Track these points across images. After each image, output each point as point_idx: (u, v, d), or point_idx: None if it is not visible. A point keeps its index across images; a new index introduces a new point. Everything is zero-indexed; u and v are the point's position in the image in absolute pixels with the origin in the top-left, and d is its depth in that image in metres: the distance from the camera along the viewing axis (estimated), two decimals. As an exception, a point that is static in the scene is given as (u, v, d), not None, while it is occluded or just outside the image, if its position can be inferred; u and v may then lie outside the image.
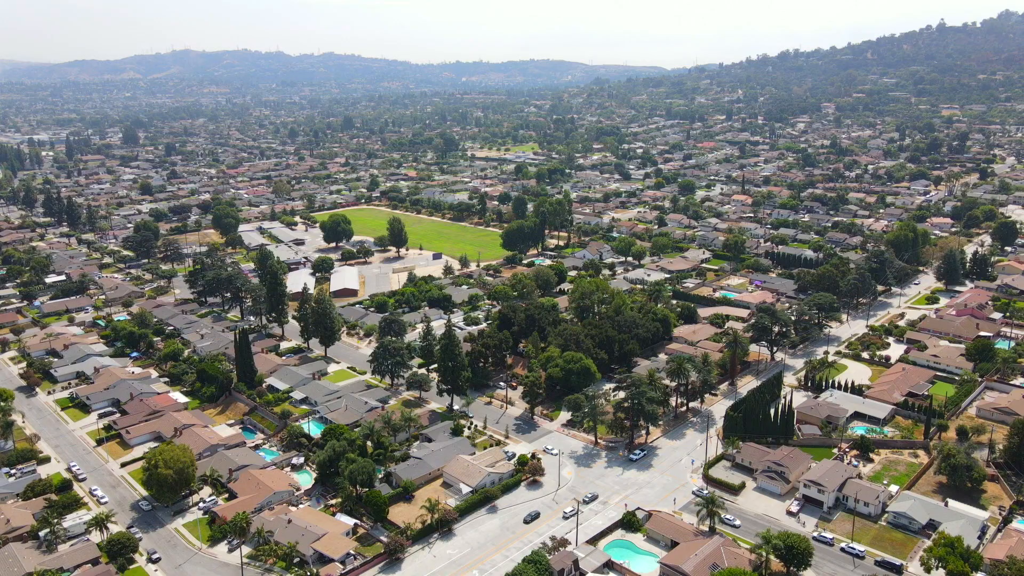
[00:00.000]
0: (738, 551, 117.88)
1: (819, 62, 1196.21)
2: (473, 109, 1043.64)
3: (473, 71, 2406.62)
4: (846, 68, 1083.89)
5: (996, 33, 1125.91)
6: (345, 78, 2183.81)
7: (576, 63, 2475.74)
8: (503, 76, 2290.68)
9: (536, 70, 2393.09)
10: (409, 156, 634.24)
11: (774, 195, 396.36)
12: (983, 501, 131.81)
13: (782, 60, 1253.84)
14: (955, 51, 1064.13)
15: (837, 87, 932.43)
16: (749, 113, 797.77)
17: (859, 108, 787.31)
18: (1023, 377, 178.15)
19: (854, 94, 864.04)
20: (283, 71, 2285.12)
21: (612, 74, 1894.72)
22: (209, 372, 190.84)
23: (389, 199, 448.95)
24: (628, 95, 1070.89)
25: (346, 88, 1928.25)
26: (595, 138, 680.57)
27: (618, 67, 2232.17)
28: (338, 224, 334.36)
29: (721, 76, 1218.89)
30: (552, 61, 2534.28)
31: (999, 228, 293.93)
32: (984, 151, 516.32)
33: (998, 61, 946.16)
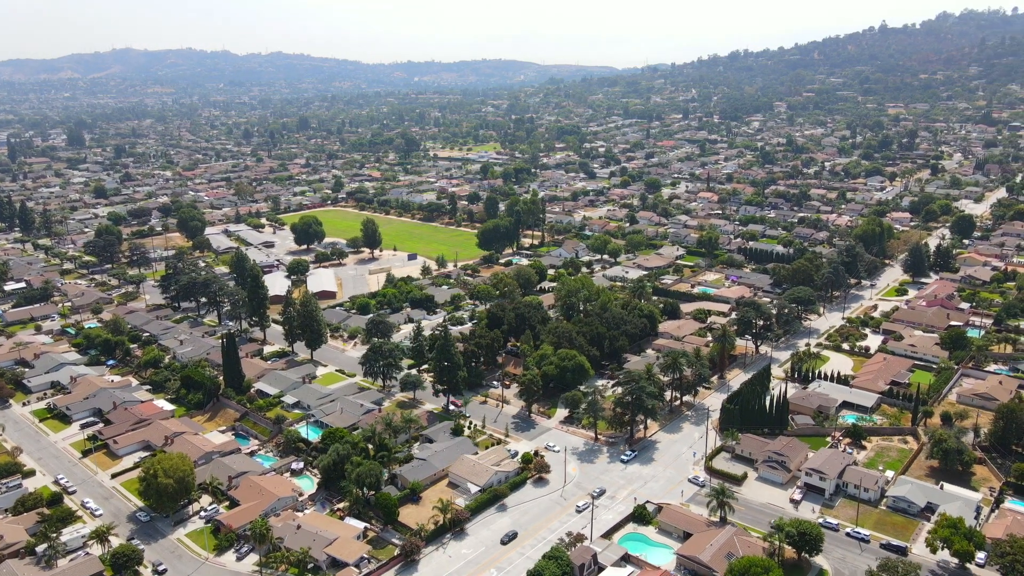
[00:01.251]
0: (751, 540, 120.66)
1: (768, 62, 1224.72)
2: (430, 109, 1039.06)
3: (425, 71, 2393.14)
4: (794, 68, 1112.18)
5: (934, 34, 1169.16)
6: (295, 78, 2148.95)
7: (528, 63, 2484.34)
8: (455, 76, 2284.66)
9: (488, 70, 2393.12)
10: (370, 156, 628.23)
11: (739, 192, 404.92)
12: (973, 483, 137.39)
13: (732, 60, 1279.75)
14: (897, 51, 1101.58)
15: (787, 86, 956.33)
16: (705, 112, 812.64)
17: (809, 107, 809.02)
18: (995, 364, 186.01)
19: (804, 93, 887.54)
20: (230, 71, 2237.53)
21: (565, 74, 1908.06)
22: (195, 378, 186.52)
23: (356, 200, 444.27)
24: (584, 95, 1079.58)
25: (296, 88, 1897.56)
26: (556, 137, 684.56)
27: (570, 67, 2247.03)
28: (309, 226, 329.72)
29: (674, 76, 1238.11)
30: (504, 61, 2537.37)
31: (957, 222, 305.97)
32: (932, 148, 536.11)
33: (938, 61, 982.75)
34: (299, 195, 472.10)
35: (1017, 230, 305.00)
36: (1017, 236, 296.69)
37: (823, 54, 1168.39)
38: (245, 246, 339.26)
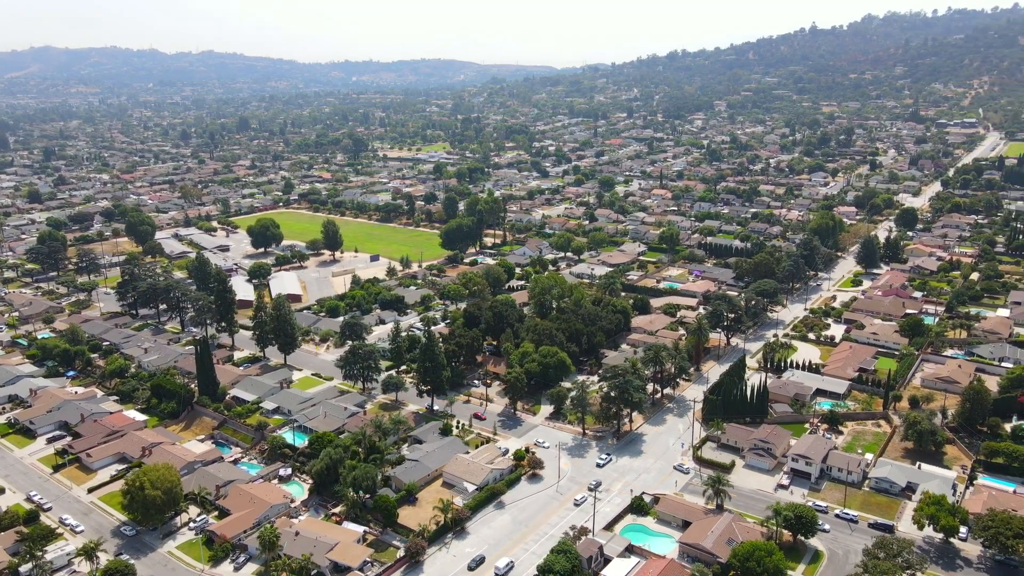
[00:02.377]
0: (748, 525, 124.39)
1: (705, 62, 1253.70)
2: (374, 109, 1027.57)
3: (363, 70, 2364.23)
4: (731, 68, 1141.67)
5: (861, 35, 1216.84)
6: (228, 78, 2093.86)
7: (468, 62, 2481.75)
8: (394, 75, 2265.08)
9: (428, 69, 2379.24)
10: (318, 157, 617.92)
11: (691, 189, 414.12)
12: (946, 462, 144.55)
13: (671, 60, 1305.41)
14: (827, 52, 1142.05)
15: (725, 86, 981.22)
16: (648, 111, 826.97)
17: (748, 105, 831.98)
18: (951, 349, 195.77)
19: (742, 92, 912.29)
20: (159, 70, 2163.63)
21: (505, 73, 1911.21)
22: (166, 387, 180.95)
23: (309, 201, 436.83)
24: (528, 94, 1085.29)
25: (231, 88, 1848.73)
26: (505, 137, 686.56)
27: (510, 66, 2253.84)
28: (267, 228, 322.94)
29: (615, 75, 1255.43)
30: (444, 60, 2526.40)
31: (901, 215, 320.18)
32: (867, 145, 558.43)
33: (866, 61, 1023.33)
34: (248, 197, 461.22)
35: (955, 222, 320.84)
36: (956, 228, 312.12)
37: (758, 54, 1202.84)
38: (198, 250, 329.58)
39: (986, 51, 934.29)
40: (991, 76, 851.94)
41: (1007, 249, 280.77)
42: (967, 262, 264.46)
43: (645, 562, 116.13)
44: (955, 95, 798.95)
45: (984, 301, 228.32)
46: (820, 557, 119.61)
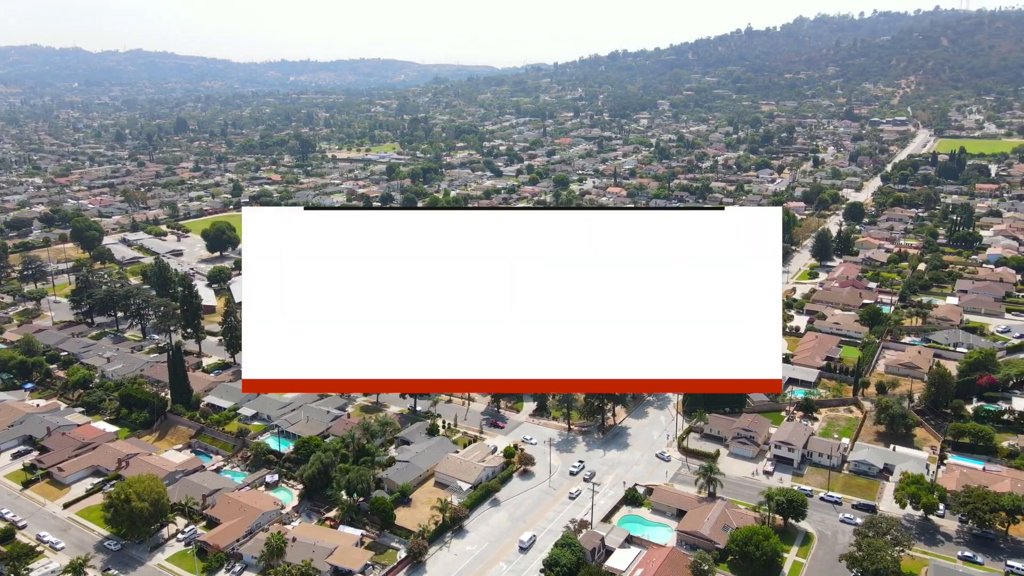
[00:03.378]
0: (741, 511, 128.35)
1: (646, 62, 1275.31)
2: (316, 110, 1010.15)
3: (301, 70, 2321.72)
4: (671, 68, 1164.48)
5: (793, 36, 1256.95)
6: (159, 77, 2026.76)
7: (409, 62, 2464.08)
8: (333, 75, 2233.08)
9: (368, 69, 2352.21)
10: (264, 159, 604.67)
11: (645, 187, 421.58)
12: (916, 443, 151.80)
13: (613, 60, 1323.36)
14: (762, 52, 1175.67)
15: (667, 85, 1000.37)
16: (595, 110, 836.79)
17: (690, 105, 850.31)
18: (909, 336, 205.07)
19: (684, 92, 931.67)
20: (84, 69, 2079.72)
21: (447, 73, 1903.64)
22: (136, 396, 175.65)
23: (261, 203, 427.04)
24: (473, 94, 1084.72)
25: (162, 88, 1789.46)
26: (455, 136, 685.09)
27: (451, 66, 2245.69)
28: (223, 232, 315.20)
29: (558, 75, 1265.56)
30: (384, 60, 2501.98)
31: (849, 209, 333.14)
32: (808, 142, 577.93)
33: (799, 62, 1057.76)
34: (196, 200, 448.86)
35: (898, 215, 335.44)
36: (900, 221, 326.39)
37: (696, 55, 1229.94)
38: (149, 255, 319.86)
39: (911, 52, 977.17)
40: (917, 76, 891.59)
41: (948, 241, 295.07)
42: (914, 253, 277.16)
43: (646, 551, 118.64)
44: (885, 94, 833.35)
45: (933, 290, 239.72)
46: (811, 539, 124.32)
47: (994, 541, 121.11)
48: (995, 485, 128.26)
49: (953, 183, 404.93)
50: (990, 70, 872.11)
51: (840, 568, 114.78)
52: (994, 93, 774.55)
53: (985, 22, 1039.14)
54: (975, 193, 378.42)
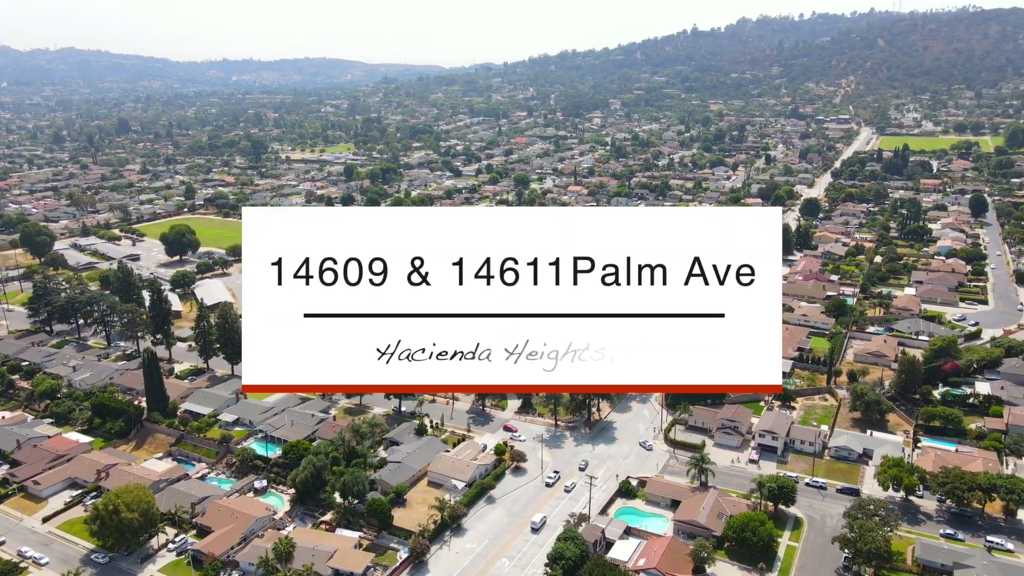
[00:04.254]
0: (733, 499, 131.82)
1: (595, 62, 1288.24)
2: (264, 110, 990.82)
3: (244, 69, 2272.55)
4: (620, 67, 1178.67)
5: (738, 37, 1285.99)
6: (95, 76, 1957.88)
7: (355, 62, 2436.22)
8: (277, 75, 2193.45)
9: (313, 69, 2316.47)
10: (215, 160, 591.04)
11: (605, 185, 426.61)
12: (890, 428, 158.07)
13: (562, 59, 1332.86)
14: (708, 52, 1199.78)
15: (618, 84, 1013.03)
16: (548, 110, 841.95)
17: (641, 104, 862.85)
18: (873, 326, 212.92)
19: (634, 91, 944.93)
20: (12, 68, 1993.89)
21: (394, 72, 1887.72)
22: (110, 405, 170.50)
23: (216, 206, 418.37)
24: (425, 94, 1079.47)
25: (98, 88, 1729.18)
26: (410, 137, 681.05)
27: (399, 66, 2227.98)
28: (182, 235, 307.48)
29: (508, 74, 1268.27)
30: (329, 60, 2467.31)
31: (805, 204, 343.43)
32: (758, 140, 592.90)
33: (745, 62, 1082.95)
34: (148, 203, 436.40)
35: (851, 210, 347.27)
36: (853, 215, 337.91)
37: (645, 54, 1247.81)
38: (105, 260, 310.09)
39: (850, 52, 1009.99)
40: (856, 75, 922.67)
41: (900, 234, 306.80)
42: (869, 247, 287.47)
43: (646, 542, 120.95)
44: (827, 93, 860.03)
45: (891, 282, 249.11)
46: (801, 523, 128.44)
47: (972, 519, 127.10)
48: (968, 465, 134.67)
49: (899, 179, 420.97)
50: (924, 70, 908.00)
51: (832, 550, 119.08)
52: (929, 92, 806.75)
53: (918, 24, 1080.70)
54: (920, 188, 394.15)
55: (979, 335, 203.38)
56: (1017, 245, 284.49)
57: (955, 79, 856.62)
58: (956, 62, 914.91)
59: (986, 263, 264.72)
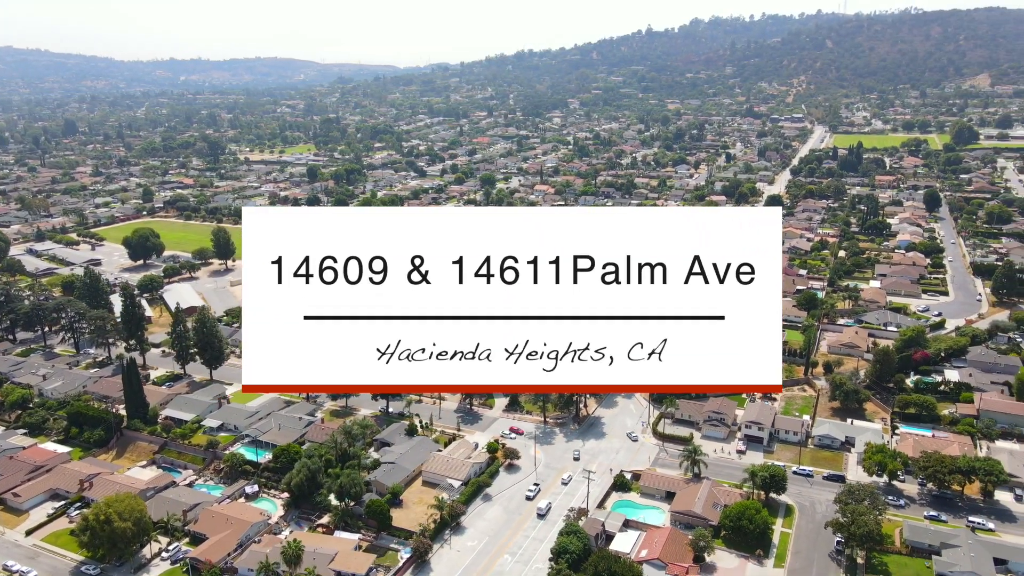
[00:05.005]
0: (726, 489, 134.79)
1: (552, 61, 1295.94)
2: (217, 110, 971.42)
3: (192, 69, 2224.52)
4: (577, 67, 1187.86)
5: (691, 38, 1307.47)
6: (35, 76, 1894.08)
7: (308, 62, 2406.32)
8: (228, 75, 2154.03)
9: (265, 69, 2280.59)
10: (171, 162, 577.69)
11: (571, 184, 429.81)
12: (868, 416, 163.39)
13: (519, 59, 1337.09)
14: (663, 53, 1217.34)
15: (576, 85, 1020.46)
16: (508, 110, 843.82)
17: (600, 103, 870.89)
18: (843, 318, 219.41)
19: (592, 91, 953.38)
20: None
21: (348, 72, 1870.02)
22: (88, 414, 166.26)
23: (177, 209, 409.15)
24: (383, 94, 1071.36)
25: (38, 88, 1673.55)
26: (371, 137, 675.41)
27: (352, 65, 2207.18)
28: (146, 239, 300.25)
29: (465, 74, 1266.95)
30: (281, 59, 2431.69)
31: (769, 201, 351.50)
32: (717, 139, 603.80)
33: (699, 62, 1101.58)
34: (104, 207, 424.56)
35: (812, 206, 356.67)
36: (815, 211, 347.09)
37: (601, 54, 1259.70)
38: (64, 265, 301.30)
39: (800, 53, 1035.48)
40: (807, 75, 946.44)
41: (860, 229, 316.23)
42: (833, 242, 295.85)
43: (646, 533, 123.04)
44: (780, 92, 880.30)
45: (856, 275, 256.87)
46: (792, 510, 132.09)
47: (952, 500, 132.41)
48: (945, 450, 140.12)
49: (854, 175, 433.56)
50: (871, 70, 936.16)
51: (824, 535, 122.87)
52: (877, 92, 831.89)
53: (864, 25, 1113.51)
54: (875, 184, 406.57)
55: (943, 325, 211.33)
56: (971, 238, 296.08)
57: (900, 79, 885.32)
58: (901, 62, 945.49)
59: (944, 256, 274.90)
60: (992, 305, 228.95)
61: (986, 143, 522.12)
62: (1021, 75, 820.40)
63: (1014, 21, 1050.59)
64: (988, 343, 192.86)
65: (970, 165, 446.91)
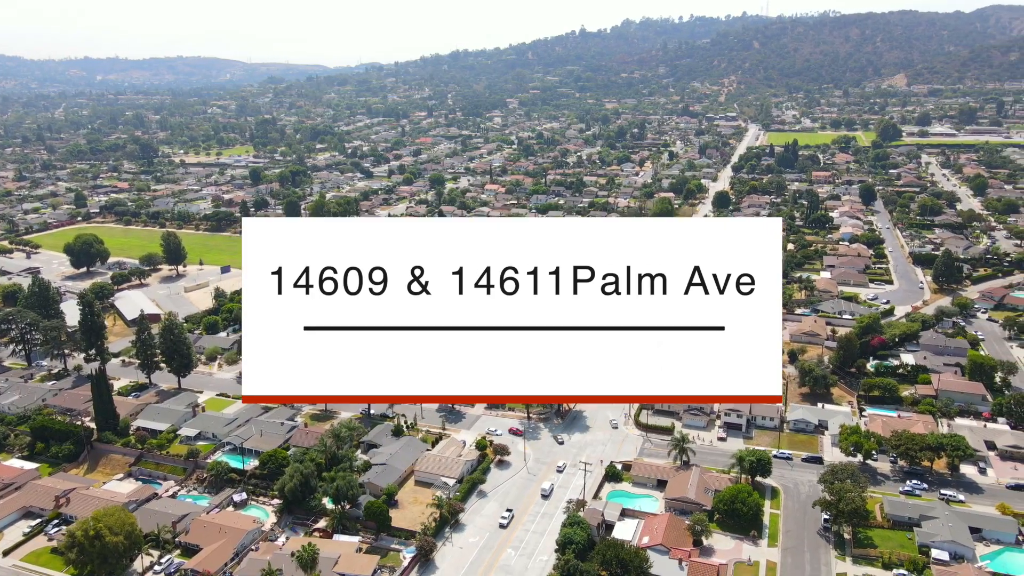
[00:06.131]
0: (715, 475, 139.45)
1: (488, 61, 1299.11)
2: (143, 111, 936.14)
3: (109, 68, 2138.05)
4: (513, 67, 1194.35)
5: (623, 38, 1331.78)
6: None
7: (234, 61, 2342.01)
8: (148, 74, 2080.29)
9: (188, 68, 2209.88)
10: (101, 165, 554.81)
11: (521, 183, 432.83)
12: (836, 400, 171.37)
13: (455, 59, 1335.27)
14: (597, 53, 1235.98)
15: (513, 84, 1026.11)
16: (447, 109, 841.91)
17: (538, 103, 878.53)
18: (800, 308, 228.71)
19: (530, 90, 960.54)
20: None
21: (278, 72, 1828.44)
22: (54, 428, 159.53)
23: (116, 214, 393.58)
24: (318, 94, 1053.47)
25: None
26: (311, 138, 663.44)
27: (280, 65, 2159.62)
28: (90, 245, 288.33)
29: (400, 74, 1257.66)
30: (205, 59, 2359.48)
31: (717, 198, 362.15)
32: (657, 137, 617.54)
33: (633, 62, 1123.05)
34: (33, 212, 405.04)
35: (757, 202, 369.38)
36: (760, 207, 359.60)
37: (536, 54, 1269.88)
38: (2, 275, 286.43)
39: (730, 54, 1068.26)
40: (737, 75, 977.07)
41: (804, 223, 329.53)
42: (781, 235, 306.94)
43: (645, 521, 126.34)
44: (712, 92, 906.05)
45: (806, 267, 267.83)
46: (777, 492, 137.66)
47: (922, 476, 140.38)
48: (912, 428, 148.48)
49: (792, 172, 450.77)
50: (796, 70, 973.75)
51: (812, 513, 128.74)
52: (803, 91, 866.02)
53: (788, 27, 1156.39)
54: (813, 180, 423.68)
55: (893, 312, 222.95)
56: (907, 229, 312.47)
57: (824, 79, 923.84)
58: (824, 63, 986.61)
59: (884, 246, 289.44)
60: (933, 292, 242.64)
61: (909, 140, 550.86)
62: (935, 75, 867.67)
63: (926, 24, 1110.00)
64: (936, 327, 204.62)
65: (897, 161, 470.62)
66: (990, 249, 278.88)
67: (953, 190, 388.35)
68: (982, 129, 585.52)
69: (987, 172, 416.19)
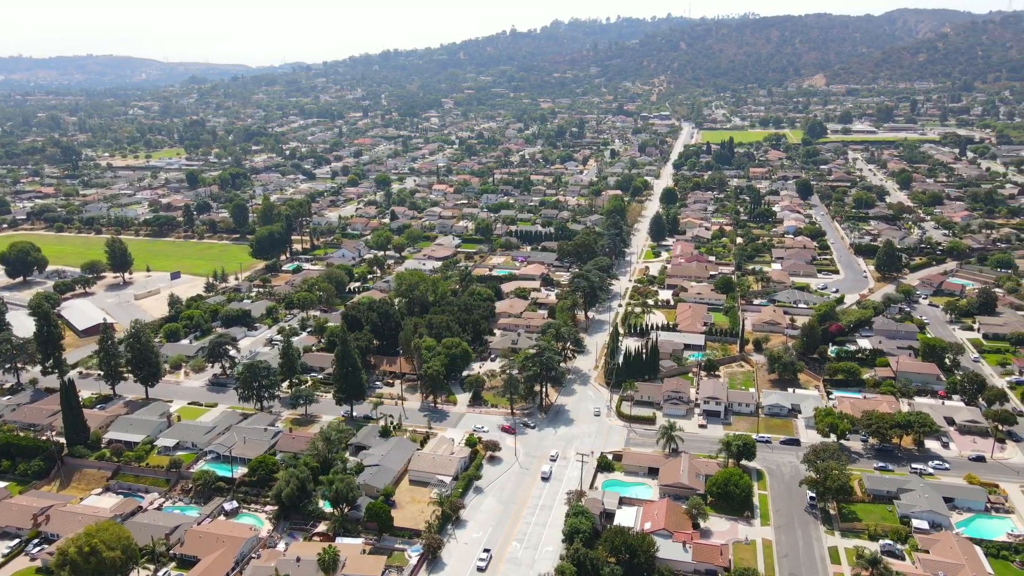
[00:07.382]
0: (703, 460, 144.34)
1: (419, 61, 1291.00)
2: (57, 112, 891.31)
3: (13, 68, 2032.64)
4: (446, 67, 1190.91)
5: (553, 39, 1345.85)
6: None
7: (149, 60, 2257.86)
8: (56, 73, 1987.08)
9: (99, 67, 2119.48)
10: (20, 170, 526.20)
11: (469, 183, 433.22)
12: (803, 385, 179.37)
13: (385, 59, 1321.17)
14: (528, 53, 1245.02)
15: (447, 84, 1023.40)
16: (382, 110, 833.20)
17: (474, 103, 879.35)
18: (757, 299, 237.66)
19: (465, 90, 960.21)
20: None
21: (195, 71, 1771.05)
22: (21, 444, 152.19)
23: (45, 221, 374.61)
24: (245, 94, 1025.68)
25: None
26: (246, 139, 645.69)
27: (199, 64, 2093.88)
28: (27, 254, 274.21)
29: (330, 74, 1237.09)
30: (118, 57, 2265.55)
31: (664, 194, 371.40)
32: (596, 136, 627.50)
33: (564, 62, 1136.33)
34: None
35: (701, 198, 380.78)
36: (705, 203, 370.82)
37: (468, 54, 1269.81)
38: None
39: (658, 54, 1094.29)
40: (667, 75, 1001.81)
41: (750, 217, 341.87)
42: (729, 230, 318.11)
43: (644, 507, 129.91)
44: (643, 92, 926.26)
45: (757, 259, 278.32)
46: (763, 474, 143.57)
47: (892, 452, 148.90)
48: (879, 408, 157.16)
49: (730, 168, 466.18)
50: (722, 70, 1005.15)
51: (798, 492, 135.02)
52: (730, 91, 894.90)
53: (712, 29, 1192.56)
54: (750, 176, 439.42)
55: (843, 300, 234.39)
56: (845, 222, 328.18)
57: (749, 79, 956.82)
58: (748, 63, 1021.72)
59: (827, 238, 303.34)
60: (877, 280, 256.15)
61: (834, 137, 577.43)
62: (851, 75, 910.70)
63: (839, 26, 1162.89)
64: (885, 313, 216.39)
65: (826, 157, 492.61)
66: (923, 239, 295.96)
67: (881, 184, 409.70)
68: (899, 126, 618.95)
69: (910, 167, 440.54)
